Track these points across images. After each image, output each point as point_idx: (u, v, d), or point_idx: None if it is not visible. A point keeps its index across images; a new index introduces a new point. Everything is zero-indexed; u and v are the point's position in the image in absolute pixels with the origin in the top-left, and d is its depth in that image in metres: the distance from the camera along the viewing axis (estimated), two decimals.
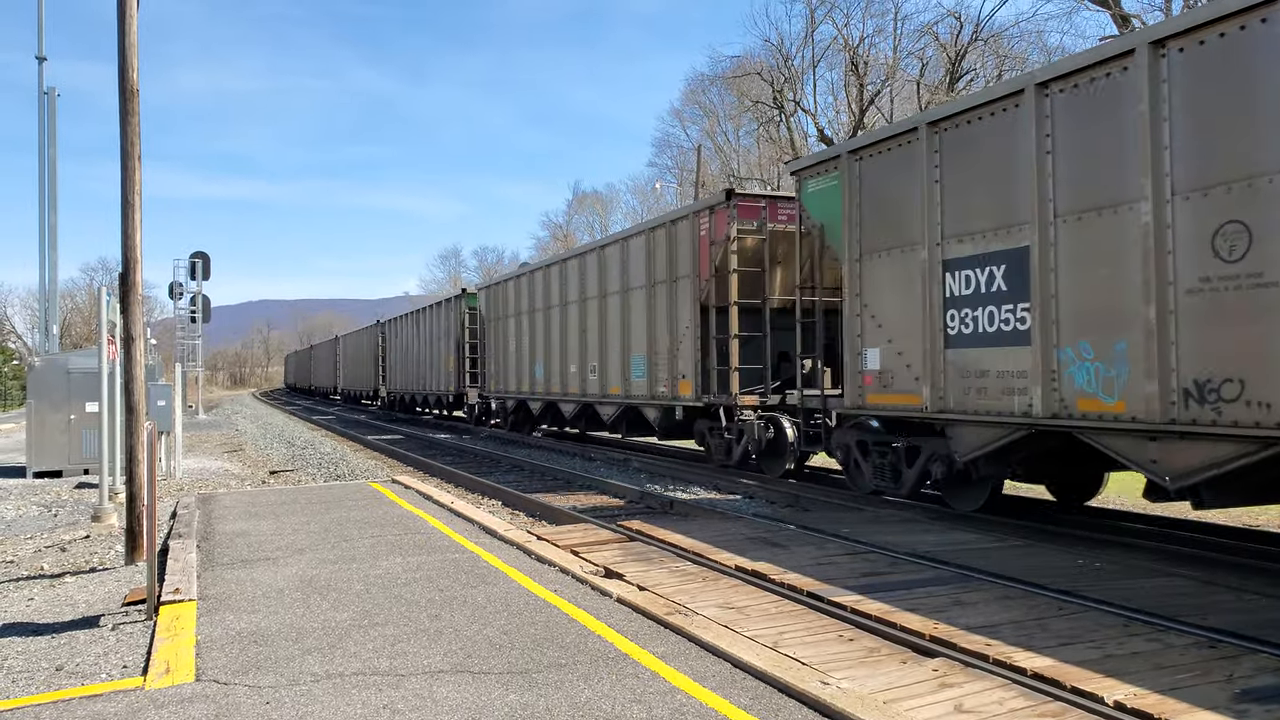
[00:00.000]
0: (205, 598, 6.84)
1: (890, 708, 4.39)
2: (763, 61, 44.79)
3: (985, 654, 5.14)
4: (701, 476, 14.92)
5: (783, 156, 42.41)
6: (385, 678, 5.02)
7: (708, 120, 53.03)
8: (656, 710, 4.48)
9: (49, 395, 16.76)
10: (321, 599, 6.75)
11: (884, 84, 40.58)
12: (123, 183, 8.41)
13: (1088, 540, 9.06)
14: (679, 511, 11.57)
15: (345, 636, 5.80)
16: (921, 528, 9.54)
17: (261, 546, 8.84)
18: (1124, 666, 4.94)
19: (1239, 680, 4.74)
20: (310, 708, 4.59)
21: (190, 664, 5.30)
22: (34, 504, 13.46)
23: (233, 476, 17.22)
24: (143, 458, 8.21)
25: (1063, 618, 5.92)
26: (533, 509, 12.44)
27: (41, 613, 6.76)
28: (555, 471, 16.65)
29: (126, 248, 8.43)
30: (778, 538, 8.78)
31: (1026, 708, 4.49)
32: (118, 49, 8.43)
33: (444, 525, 9.83)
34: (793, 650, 5.35)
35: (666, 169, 59.83)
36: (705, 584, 7.09)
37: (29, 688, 5.07)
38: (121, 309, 8.73)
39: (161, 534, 9.74)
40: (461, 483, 15.68)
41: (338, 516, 10.56)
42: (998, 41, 37.35)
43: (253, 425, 36.83)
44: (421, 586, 7.09)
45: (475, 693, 4.76)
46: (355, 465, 19.83)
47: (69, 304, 76.12)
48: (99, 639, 5.99)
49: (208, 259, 32.19)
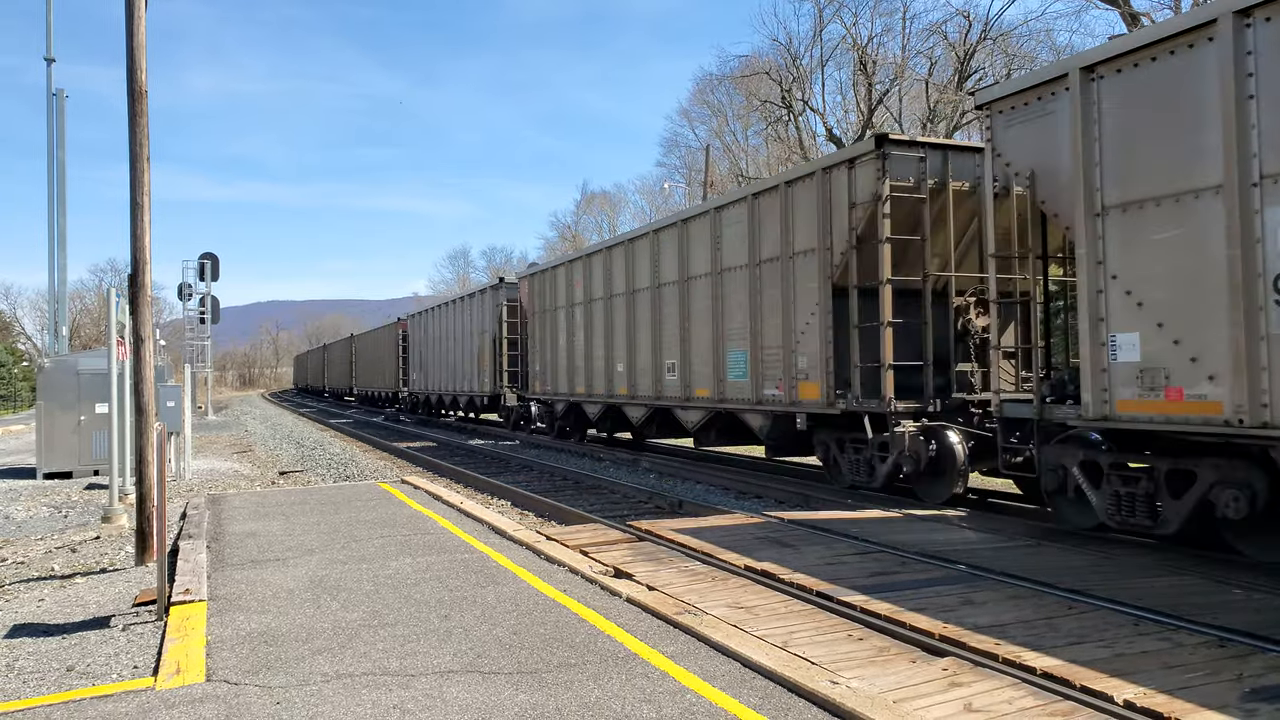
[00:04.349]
0: (215, 598, 6.86)
1: (900, 707, 4.39)
2: (771, 61, 44.73)
3: (994, 653, 5.13)
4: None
5: (791, 156, 42.38)
6: (395, 678, 5.04)
7: (716, 120, 52.98)
8: (666, 710, 4.48)
9: (59, 396, 16.83)
10: (331, 599, 6.77)
11: (893, 83, 40.45)
12: (131, 184, 8.44)
13: (1097, 539, 9.03)
14: (688, 511, 11.57)
15: (355, 636, 5.81)
16: (930, 527, 9.51)
17: (271, 547, 8.86)
18: (1133, 665, 4.93)
19: (1248, 679, 4.73)
20: (321, 708, 4.60)
21: (201, 664, 5.32)
22: (44, 505, 13.52)
23: (242, 477, 17.28)
24: (152, 459, 8.24)
25: (1072, 617, 5.91)
26: (542, 509, 12.45)
27: (52, 613, 6.79)
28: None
29: (135, 249, 8.46)
30: (787, 537, 8.77)
31: (1036, 707, 4.48)
32: (126, 51, 8.46)
33: (453, 525, 9.84)
34: (802, 649, 5.35)
35: (675, 169, 59.78)
36: (714, 583, 7.09)
37: (40, 688, 5.10)
38: (130, 310, 8.76)
39: (171, 535, 9.78)
40: (470, 483, 15.71)
41: (347, 517, 10.59)
42: (1006, 40, 37.20)
43: (262, 426, 36.94)
44: (431, 586, 7.10)
45: (485, 693, 4.77)
46: (365, 466, 19.87)
47: (78, 305, 76.37)
48: (109, 639, 6.02)
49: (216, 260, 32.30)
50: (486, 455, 20.81)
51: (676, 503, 12.25)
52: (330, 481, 16.66)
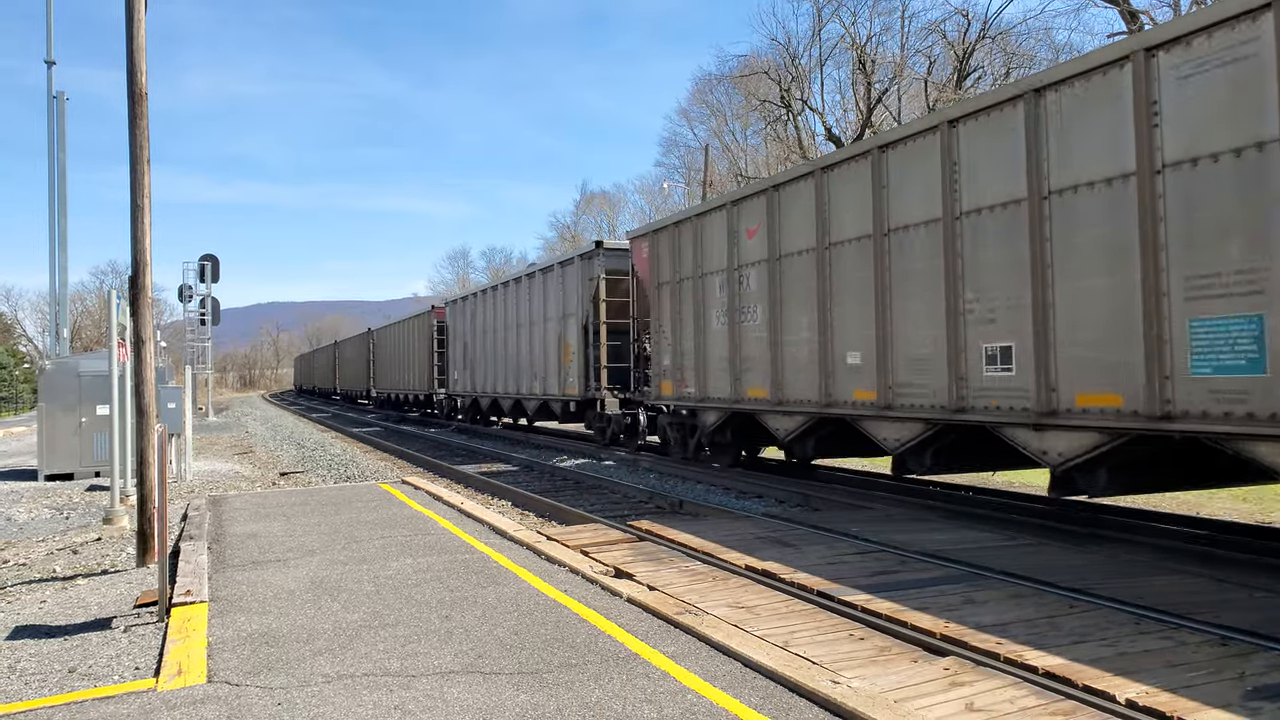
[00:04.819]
0: (216, 599, 6.86)
1: (901, 706, 4.38)
2: (770, 60, 44.74)
3: (996, 653, 5.13)
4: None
5: (790, 155, 42.37)
6: (396, 678, 5.03)
7: (715, 120, 52.98)
8: (667, 710, 4.48)
9: (60, 398, 16.83)
10: (332, 600, 6.77)
11: (891, 82, 40.45)
12: (132, 186, 8.44)
13: (1098, 538, 9.03)
14: (689, 511, 11.57)
15: (356, 637, 5.81)
16: (931, 526, 9.51)
17: (272, 548, 8.86)
18: (1136, 664, 4.92)
19: (1250, 678, 4.72)
20: (322, 709, 4.60)
21: (202, 665, 5.32)
22: (46, 507, 13.52)
23: (243, 478, 17.28)
24: (153, 460, 8.23)
25: (1074, 616, 5.91)
26: (542, 509, 12.45)
27: (54, 615, 6.79)
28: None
29: (136, 251, 8.46)
30: (787, 537, 8.77)
31: (1038, 706, 4.48)
32: (126, 53, 8.46)
33: (454, 526, 9.84)
34: (803, 649, 5.35)
35: (674, 169, 59.80)
36: (715, 583, 7.09)
37: (42, 689, 5.10)
38: (131, 312, 8.76)
39: (172, 536, 9.78)
40: (471, 483, 15.71)
41: (348, 518, 10.59)
42: (1005, 39, 37.21)
43: (262, 427, 36.93)
44: (432, 587, 7.10)
45: (486, 693, 4.77)
46: (365, 466, 19.87)
47: (79, 307, 76.48)
48: (111, 641, 6.02)
49: (217, 262, 32.36)
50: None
51: (677, 503, 12.25)
52: (331, 482, 16.65)
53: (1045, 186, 8.71)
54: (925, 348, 10.22)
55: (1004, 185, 9.17)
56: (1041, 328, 8.75)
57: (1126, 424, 7.93)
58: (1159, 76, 7.69)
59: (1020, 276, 8.95)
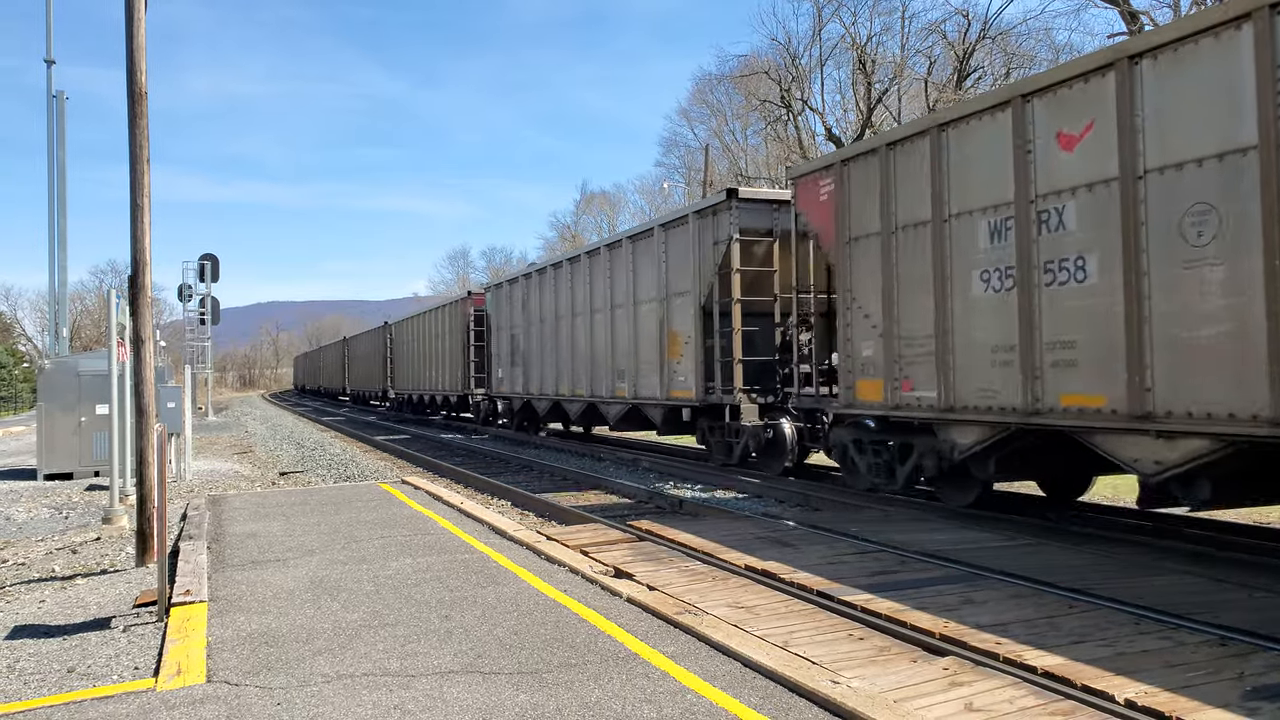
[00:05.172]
0: (216, 599, 6.86)
1: (900, 706, 4.38)
2: (770, 60, 44.76)
3: (996, 653, 5.13)
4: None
5: (790, 155, 42.37)
6: (396, 678, 5.03)
7: (715, 120, 53.00)
8: (667, 710, 4.48)
9: (59, 398, 16.83)
10: (332, 600, 6.77)
11: (892, 82, 40.46)
12: (131, 186, 8.44)
13: (1097, 538, 9.04)
14: (688, 511, 11.57)
15: (356, 637, 5.81)
16: (930, 526, 9.51)
17: (271, 548, 8.86)
18: (1135, 664, 4.92)
19: (1250, 678, 4.72)
20: (321, 709, 4.60)
21: (201, 665, 5.32)
22: (45, 506, 13.52)
23: (242, 478, 17.28)
24: (153, 460, 8.23)
25: (1073, 616, 5.91)
26: (542, 509, 12.46)
27: (53, 614, 6.79)
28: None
29: (135, 250, 8.46)
30: (787, 537, 8.77)
31: (1037, 706, 4.48)
32: (126, 53, 8.45)
33: (454, 525, 9.84)
34: (803, 649, 5.34)
35: (674, 169, 59.83)
36: (715, 583, 7.09)
37: (41, 689, 5.10)
38: (131, 311, 8.76)
39: (172, 536, 9.78)
40: (471, 483, 15.71)
41: (347, 518, 10.59)
42: (1006, 39, 37.24)
43: (262, 427, 36.93)
44: (431, 587, 7.10)
45: (486, 693, 4.77)
46: (365, 466, 19.87)
47: (78, 307, 76.44)
48: (110, 640, 6.02)
49: (216, 261, 32.28)
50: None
51: (677, 502, 12.25)
52: (330, 482, 16.65)
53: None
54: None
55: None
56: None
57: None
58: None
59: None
